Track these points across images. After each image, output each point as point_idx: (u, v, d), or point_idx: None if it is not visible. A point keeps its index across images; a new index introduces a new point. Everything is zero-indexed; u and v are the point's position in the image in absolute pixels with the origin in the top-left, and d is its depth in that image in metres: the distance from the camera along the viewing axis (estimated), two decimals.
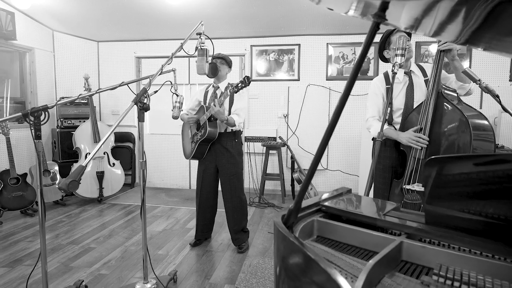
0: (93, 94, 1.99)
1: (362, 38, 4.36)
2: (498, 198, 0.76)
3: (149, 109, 1.87)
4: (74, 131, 4.03)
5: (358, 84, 4.43)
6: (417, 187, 1.84)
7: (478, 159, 0.80)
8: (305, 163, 4.56)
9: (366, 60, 4.42)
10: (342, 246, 0.89)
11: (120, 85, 2.03)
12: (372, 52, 4.37)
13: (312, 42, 4.48)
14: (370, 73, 4.40)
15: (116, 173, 4.23)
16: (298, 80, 4.57)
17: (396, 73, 1.79)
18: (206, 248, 2.77)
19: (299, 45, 4.52)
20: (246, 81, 2.27)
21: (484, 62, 4.11)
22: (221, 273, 2.34)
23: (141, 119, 1.85)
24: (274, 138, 4.64)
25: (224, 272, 2.35)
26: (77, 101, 4.27)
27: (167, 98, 3.75)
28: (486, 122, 1.77)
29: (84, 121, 4.20)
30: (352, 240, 0.89)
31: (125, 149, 4.87)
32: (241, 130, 2.72)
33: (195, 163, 4.27)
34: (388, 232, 0.90)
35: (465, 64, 4.21)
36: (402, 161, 2.13)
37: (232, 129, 2.63)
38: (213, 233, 3.03)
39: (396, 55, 1.82)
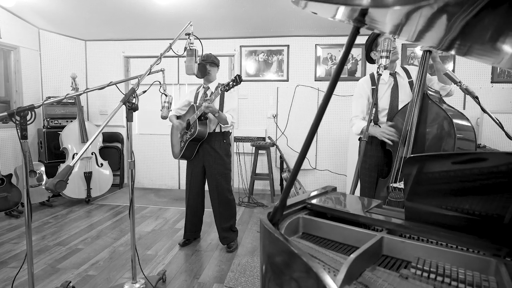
0: (80, 94, 1.97)
1: None
2: (473, 194, 0.80)
3: (137, 109, 1.87)
4: (61, 131, 3.98)
5: (346, 85, 4.50)
6: (403, 185, 1.89)
7: (455, 157, 0.84)
8: (294, 163, 4.59)
9: (354, 61, 4.48)
10: (326, 242, 0.92)
11: (108, 85, 2.02)
12: (359, 53, 4.44)
13: (301, 43, 4.53)
14: (358, 74, 4.47)
15: (104, 173, 4.19)
16: (287, 80, 4.61)
17: (381, 74, 1.83)
18: (195, 248, 2.77)
19: (288, 46, 4.56)
20: (237, 80, 2.29)
21: (467, 64, 4.23)
22: (210, 272, 2.36)
23: (129, 119, 1.85)
24: (263, 138, 4.67)
25: (213, 272, 2.36)
26: (64, 101, 4.22)
27: (156, 98, 3.73)
28: (468, 123, 1.83)
29: (72, 121, 4.15)
30: (336, 236, 0.92)
31: (113, 149, 4.82)
32: (230, 131, 2.74)
33: (184, 163, 4.28)
34: (370, 228, 0.93)
35: (449, 66, 4.32)
36: (388, 160, 2.18)
37: (221, 130, 2.65)
38: (202, 233, 3.04)
39: (381, 57, 1.86)
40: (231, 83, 2.31)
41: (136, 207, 3.94)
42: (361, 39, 4.76)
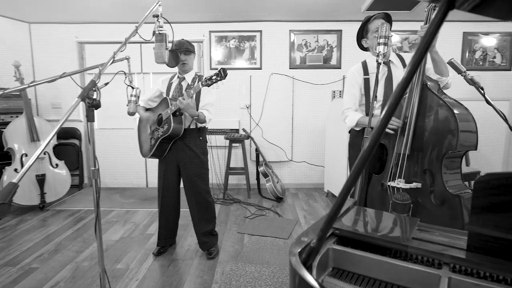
0: (25, 88, 1.60)
1: (326, 26, 4.26)
2: None
3: (100, 106, 1.54)
4: (4, 128, 3.44)
5: (322, 72, 4.35)
6: (402, 184, 1.76)
7: None
8: (270, 156, 4.42)
9: (329, 48, 4.33)
10: (369, 282, 0.72)
11: (61, 77, 1.66)
12: (334, 40, 4.29)
13: (274, 28, 4.28)
14: (333, 61, 4.34)
15: (60, 175, 3.72)
16: (261, 68, 4.36)
17: (380, 63, 1.66)
18: (172, 257, 2.50)
19: (260, 31, 4.29)
20: (222, 74, 2.00)
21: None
22: (192, 285, 2.11)
23: (90, 118, 1.52)
24: (237, 130, 4.43)
25: (195, 284, 2.12)
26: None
27: (117, 89, 3.33)
28: (468, 113, 1.73)
29: (17, 116, 3.60)
30: (381, 274, 0.73)
31: (70, 146, 4.32)
32: (206, 127, 2.46)
33: (152, 159, 3.94)
34: (420, 260, 0.75)
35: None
36: (380, 155, 2.05)
37: (197, 126, 2.36)
38: (178, 238, 2.76)
39: (378, 43, 1.69)
40: (214, 77, 2.01)
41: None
42: (335, 25, 4.53)
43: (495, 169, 3.82)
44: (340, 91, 4.35)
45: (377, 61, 1.66)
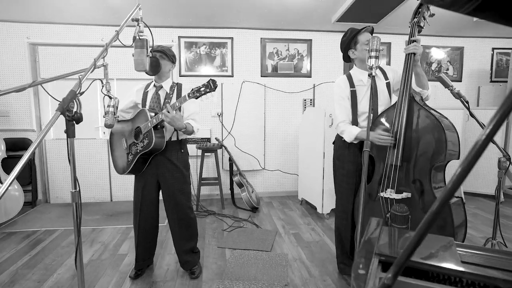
0: None
1: (296, 35, 4.31)
2: None
3: (81, 120, 1.37)
4: None
5: (293, 81, 4.39)
6: (393, 194, 1.79)
7: None
8: (243, 165, 4.34)
9: (299, 57, 4.39)
10: None
11: (30, 86, 1.47)
12: (305, 49, 4.36)
13: (246, 36, 4.25)
14: (304, 70, 4.40)
15: (10, 192, 3.31)
16: (232, 76, 4.29)
17: (374, 76, 1.68)
18: (151, 279, 2.32)
19: (232, 38, 4.23)
20: (211, 86, 1.88)
21: (400, 60, 4.49)
22: None
23: (70, 134, 1.34)
24: (209, 139, 4.30)
25: None
26: None
27: (83, 96, 3.06)
28: (451, 123, 1.81)
29: None
30: None
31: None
32: (187, 138, 2.32)
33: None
34: (466, 284, 0.73)
35: (383, 62, 4.54)
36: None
37: (178, 137, 2.22)
38: (155, 256, 2.57)
39: (370, 57, 1.71)
40: (202, 89, 1.89)
41: (59, 231, 3.21)
42: (305, 35, 4.59)
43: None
44: (311, 100, 4.42)
45: (370, 74, 1.67)
